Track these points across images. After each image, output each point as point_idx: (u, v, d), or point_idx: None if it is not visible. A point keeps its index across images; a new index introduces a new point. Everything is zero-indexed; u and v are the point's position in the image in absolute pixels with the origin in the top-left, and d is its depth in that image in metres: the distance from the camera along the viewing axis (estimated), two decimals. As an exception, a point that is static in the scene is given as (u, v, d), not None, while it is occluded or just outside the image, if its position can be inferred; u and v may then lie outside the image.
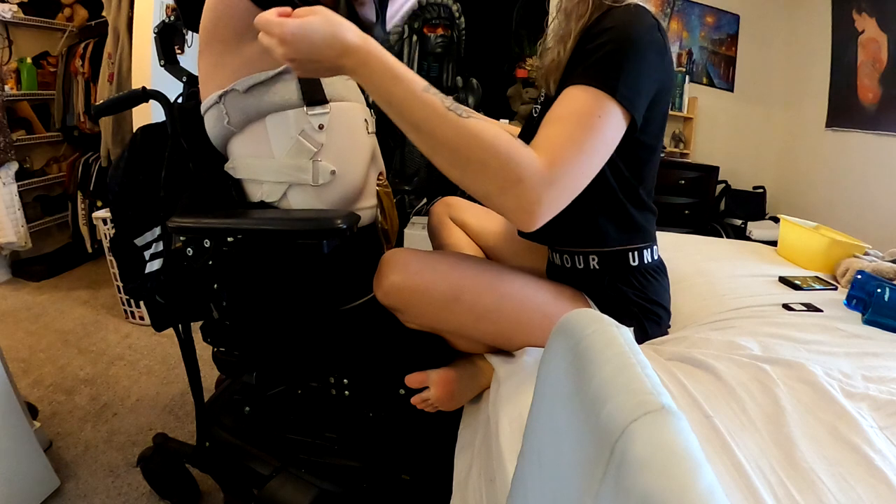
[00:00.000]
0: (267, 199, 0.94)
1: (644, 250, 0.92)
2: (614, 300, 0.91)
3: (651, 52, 0.75)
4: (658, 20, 0.78)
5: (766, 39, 3.57)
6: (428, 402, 0.90)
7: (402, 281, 0.82)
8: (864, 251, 1.32)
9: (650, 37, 0.75)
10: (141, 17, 2.16)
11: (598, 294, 0.91)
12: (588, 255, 0.91)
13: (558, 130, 0.70)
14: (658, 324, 0.94)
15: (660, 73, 0.78)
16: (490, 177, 0.66)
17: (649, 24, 0.76)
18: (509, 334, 0.88)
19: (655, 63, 0.76)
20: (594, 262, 0.91)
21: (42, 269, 2.65)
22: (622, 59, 0.73)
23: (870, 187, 2.87)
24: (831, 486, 0.58)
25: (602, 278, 0.91)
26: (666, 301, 0.97)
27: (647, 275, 0.92)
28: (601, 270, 0.91)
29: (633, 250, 0.91)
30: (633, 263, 0.91)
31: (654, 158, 0.89)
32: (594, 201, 0.84)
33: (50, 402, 1.61)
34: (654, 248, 0.95)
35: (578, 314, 0.47)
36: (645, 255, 0.92)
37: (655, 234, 0.96)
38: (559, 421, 0.42)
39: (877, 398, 0.73)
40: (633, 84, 0.73)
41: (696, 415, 0.69)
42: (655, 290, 0.93)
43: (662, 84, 0.79)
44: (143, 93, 0.97)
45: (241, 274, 0.91)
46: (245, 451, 1.04)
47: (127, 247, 0.99)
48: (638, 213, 0.89)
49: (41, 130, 2.77)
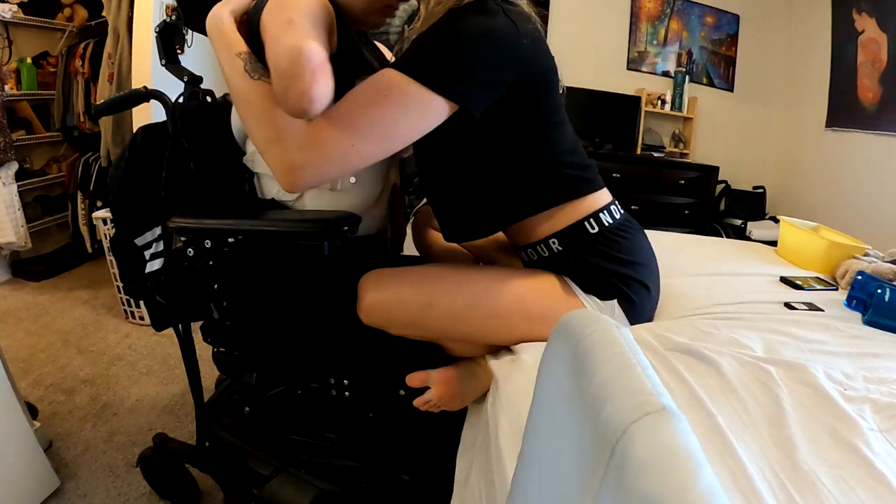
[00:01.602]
0: (281, 198, 0.94)
1: (600, 214, 0.88)
2: (588, 274, 0.88)
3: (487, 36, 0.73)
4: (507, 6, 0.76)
5: (766, 39, 3.58)
6: (430, 402, 0.90)
7: (377, 298, 0.87)
8: (864, 252, 1.32)
9: (485, 21, 0.73)
10: (141, 17, 2.16)
11: (573, 274, 0.89)
12: (548, 241, 0.89)
13: (341, 104, 0.72)
14: (642, 287, 0.90)
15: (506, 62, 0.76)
16: (261, 132, 0.74)
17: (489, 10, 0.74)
18: (493, 329, 0.88)
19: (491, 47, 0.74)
20: (556, 245, 0.89)
21: (42, 269, 2.65)
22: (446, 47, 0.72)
23: (870, 187, 2.87)
24: (832, 489, 0.58)
25: (567, 257, 0.88)
26: (643, 258, 0.92)
27: (613, 236, 0.89)
28: (565, 250, 0.88)
29: (587, 218, 0.88)
30: (593, 231, 0.88)
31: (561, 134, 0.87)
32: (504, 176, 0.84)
33: (50, 402, 1.61)
34: (610, 207, 0.90)
35: (578, 314, 0.47)
36: (603, 219, 0.88)
37: (604, 189, 0.92)
38: (559, 422, 0.42)
39: (877, 401, 0.73)
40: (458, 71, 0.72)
41: (698, 413, 0.69)
42: (626, 249, 0.89)
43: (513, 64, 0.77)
44: (145, 92, 0.97)
45: (241, 274, 0.91)
46: (245, 451, 1.05)
47: (127, 247, 0.99)
48: (559, 170, 0.86)
49: (41, 130, 2.77)
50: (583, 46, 3.43)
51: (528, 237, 0.91)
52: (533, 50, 0.79)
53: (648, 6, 3.49)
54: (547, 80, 0.84)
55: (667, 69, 3.58)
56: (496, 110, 0.79)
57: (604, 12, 3.45)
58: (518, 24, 0.76)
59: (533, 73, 0.80)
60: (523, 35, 0.77)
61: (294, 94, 0.65)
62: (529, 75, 0.80)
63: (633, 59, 3.54)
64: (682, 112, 3.51)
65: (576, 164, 0.89)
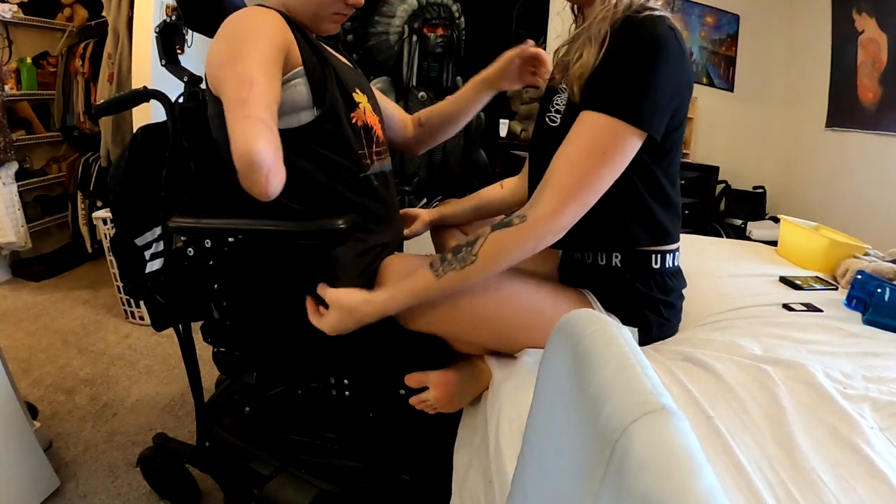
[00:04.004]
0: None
1: (667, 254, 0.92)
2: (629, 299, 0.90)
3: (667, 65, 0.78)
4: (674, 26, 0.80)
5: (766, 39, 3.57)
6: (427, 403, 0.90)
7: None
8: (864, 251, 1.32)
9: (667, 50, 0.77)
10: (141, 17, 2.16)
11: (611, 291, 0.91)
12: (611, 253, 0.91)
13: (566, 169, 0.78)
14: (666, 327, 0.94)
15: (678, 82, 0.81)
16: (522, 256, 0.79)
17: (665, 36, 0.78)
18: (508, 338, 0.87)
19: (672, 75, 0.79)
20: (617, 260, 0.91)
21: (42, 269, 2.65)
22: (640, 80, 0.77)
23: (870, 187, 2.87)
24: (832, 487, 0.58)
25: (622, 276, 0.90)
26: (679, 306, 0.97)
27: (666, 278, 0.92)
28: (622, 269, 0.90)
29: (658, 253, 0.91)
30: (656, 266, 0.91)
31: (677, 150, 0.90)
32: (619, 204, 0.86)
33: (50, 402, 1.61)
34: (676, 253, 0.94)
35: (578, 314, 0.47)
36: (667, 260, 0.92)
37: (679, 236, 0.95)
38: (559, 421, 0.42)
39: (877, 399, 0.73)
40: (651, 105, 0.78)
41: (697, 415, 0.69)
42: (671, 293, 0.93)
43: (681, 90, 0.83)
44: (145, 92, 0.97)
45: (241, 274, 0.91)
46: (245, 451, 1.04)
47: (127, 247, 0.99)
48: (663, 212, 0.89)
49: (41, 130, 2.77)
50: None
51: (598, 246, 0.93)
52: (690, 68, 0.85)
53: (648, 6, 3.49)
54: (691, 92, 0.88)
55: (667, 69, 3.57)
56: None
57: (604, 12, 3.44)
58: (682, 43, 0.80)
59: (688, 91, 0.86)
60: (685, 52, 0.81)
61: (256, 193, 0.70)
62: (686, 94, 0.85)
63: (633, 59, 3.54)
64: (682, 112, 3.50)
65: (675, 209, 0.92)
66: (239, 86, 0.73)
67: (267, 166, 0.68)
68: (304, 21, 0.93)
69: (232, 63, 0.76)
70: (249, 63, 0.75)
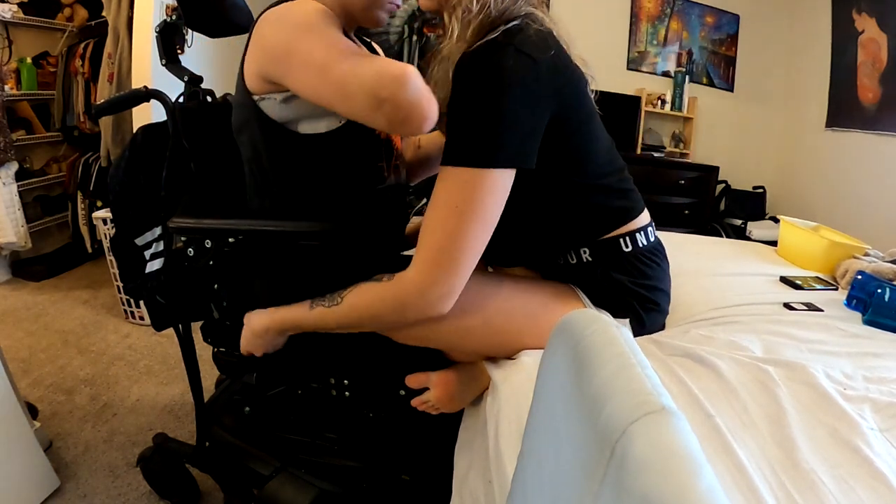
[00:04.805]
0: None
1: (637, 234, 0.88)
2: (610, 291, 0.87)
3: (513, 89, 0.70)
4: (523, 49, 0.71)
5: (766, 39, 3.58)
6: (428, 403, 0.90)
7: None
8: (864, 252, 1.32)
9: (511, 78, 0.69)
10: (141, 17, 2.16)
11: (593, 287, 0.88)
12: (578, 249, 0.88)
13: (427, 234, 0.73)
14: (657, 311, 0.91)
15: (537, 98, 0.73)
16: (387, 319, 0.80)
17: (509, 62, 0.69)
18: (501, 346, 0.87)
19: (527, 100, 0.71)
20: (586, 255, 0.88)
21: (42, 269, 2.65)
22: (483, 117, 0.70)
23: (870, 187, 2.87)
24: (832, 488, 0.58)
25: (595, 270, 0.88)
26: (666, 285, 0.93)
27: (644, 258, 0.88)
28: (594, 262, 0.88)
29: (624, 236, 0.87)
30: (627, 249, 0.87)
31: (593, 141, 0.85)
32: (558, 212, 0.85)
33: (50, 402, 1.61)
34: (647, 229, 0.90)
35: (578, 314, 0.47)
36: (639, 239, 0.88)
37: (644, 210, 0.91)
38: (559, 421, 0.42)
39: (877, 400, 0.73)
40: (508, 139, 0.70)
41: (697, 413, 0.69)
42: (654, 275, 0.89)
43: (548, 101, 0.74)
44: (145, 92, 0.97)
45: (241, 274, 0.91)
46: (245, 451, 1.04)
47: (127, 247, 0.99)
48: (610, 197, 0.86)
49: (41, 130, 2.77)
50: (583, 46, 3.39)
51: (556, 250, 0.91)
52: (552, 73, 0.74)
53: (648, 6, 3.49)
54: (579, 98, 0.81)
55: (667, 69, 3.58)
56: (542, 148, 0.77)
57: (604, 12, 3.45)
58: (532, 54, 0.71)
59: (568, 94, 0.78)
60: (540, 63, 0.72)
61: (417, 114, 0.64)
62: (560, 100, 0.76)
63: (633, 59, 3.54)
64: (682, 112, 3.50)
65: (622, 192, 0.88)
66: (330, 46, 0.68)
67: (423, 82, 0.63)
68: (357, 11, 0.86)
69: (308, 33, 0.70)
70: (330, 34, 0.70)
